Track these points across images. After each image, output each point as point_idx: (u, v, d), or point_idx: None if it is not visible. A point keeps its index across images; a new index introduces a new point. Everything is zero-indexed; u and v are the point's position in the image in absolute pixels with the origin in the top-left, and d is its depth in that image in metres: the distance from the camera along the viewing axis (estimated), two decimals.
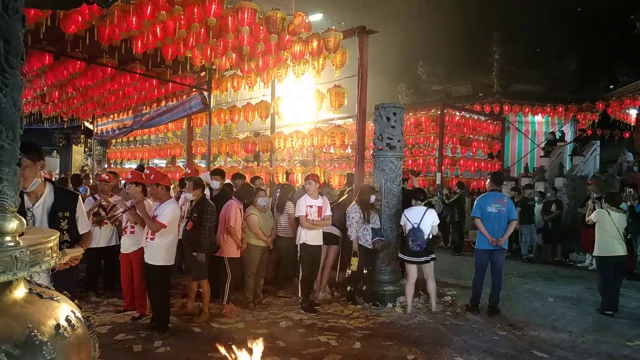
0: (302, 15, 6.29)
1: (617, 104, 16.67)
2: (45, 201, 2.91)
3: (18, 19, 1.15)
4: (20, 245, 1.22)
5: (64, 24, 5.87)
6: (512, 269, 8.91)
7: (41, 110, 11.69)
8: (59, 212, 2.92)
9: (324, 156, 15.29)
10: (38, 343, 1.14)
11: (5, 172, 1.18)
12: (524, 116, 17.72)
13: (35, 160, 2.76)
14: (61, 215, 2.93)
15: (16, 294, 1.25)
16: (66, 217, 2.95)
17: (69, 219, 2.96)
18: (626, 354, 4.46)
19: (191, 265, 5.08)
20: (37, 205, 2.89)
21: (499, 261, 5.77)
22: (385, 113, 6.28)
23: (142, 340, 4.40)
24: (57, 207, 2.92)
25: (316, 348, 4.34)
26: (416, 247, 5.51)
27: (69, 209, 2.97)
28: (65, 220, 2.94)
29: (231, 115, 9.27)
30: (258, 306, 5.66)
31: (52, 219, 2.89)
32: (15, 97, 1.17)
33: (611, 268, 5.90)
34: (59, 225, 2.90)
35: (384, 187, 6.19)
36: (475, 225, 5.78)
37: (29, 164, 2.73)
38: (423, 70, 21.50)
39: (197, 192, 5.13)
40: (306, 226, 5.60)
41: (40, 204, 2.90)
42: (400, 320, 5.31)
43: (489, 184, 6.14)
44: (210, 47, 6.94)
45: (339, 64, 6.82)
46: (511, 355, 4.33)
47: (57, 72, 8.22)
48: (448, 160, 13.08)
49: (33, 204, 2.88)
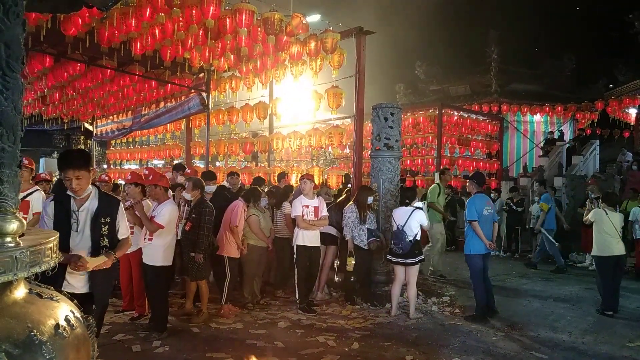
0: (299, 17, 6.31)
1: (617, 103, 16.68)
2: (90, 205, 2.97)
3: (19, 23, 1.17)
4: (20, 246, 1.24)
5: (64, 26, 5.89)
6: (511, 269, 8.93)
7: (42, 111, 11.72)
8: (101, 218, 2.98)
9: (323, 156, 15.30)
10: (37, 342, 1.16)
11: (6, 174, 1.20)
12: (522, 116, 17.73)
13: (90, 169, 2.89)
14: (102, 220, 2.99)
15: (16, 294, 1.27)
16: (107, 223, 3.01)
17: (109, 225, 3.02)
18: (626, 355, 4.44)
19: (189, 266, 5.09)
20: (82, 209, 2.96)
21: (488, 264, 5.67)
22: (383, 113, 6.29)
23: (141, 340, 4.41)
24: (100, 213, 2.98)
25: (314, 348, 4.35)
26: (398, 250, 5.36)
27: (111, 214, 3.04)
28: (106, 225, 3.00)
29: (229, 116, 9.29)
30: (256, 306, 5.67)
31: (95, 223, 2.96)
32: (15, 100, 1.19)
33: (610, 268, 5.89)
34: (100, 231, 2.98)
35: (381, 187, 6.21)
36: (474, 229, 5.46)
37: (84, 175, 2.86)
38: (421, 70, 21.51)
39: (195, 192, 5.14)
40: (303, 226, 5.59)
41: (85, 207, 2.96)
42: (399, 321, 5.31)
43: (472, 186, 5.78)
44: (209, 48, 6.95)
45: (337, 65, 6.84)
46: (510, 356, 4.34)
47: (58, 74, 8.24)
48: (446, 160, 13.07)
49: (79, 208, 2.95)
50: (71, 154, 3.06)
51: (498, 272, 8.32)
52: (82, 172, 2.84)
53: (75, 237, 2.92)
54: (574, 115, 17.91)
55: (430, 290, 6.67)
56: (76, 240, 2.92)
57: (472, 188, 5.79)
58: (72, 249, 2.89)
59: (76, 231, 2.92)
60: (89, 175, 2.89)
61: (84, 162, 2.87)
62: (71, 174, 2.83)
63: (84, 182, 2.86)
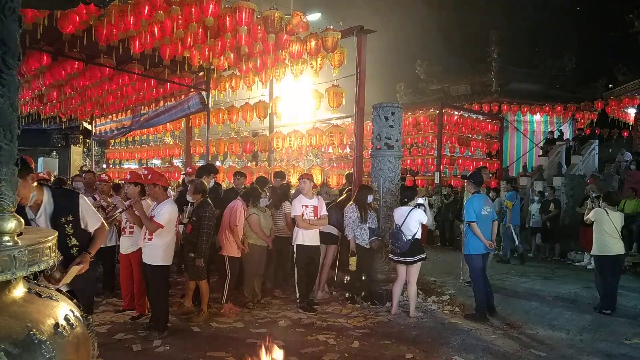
0: (300, 15, 6.29)
1: (616, 103, 16.70)
2: (46, 209, 2.85)
3: (15, 19, 1.16)
4: (18, 245, 1.23)
5: (62, 24, 5.87)
6: (510, 268, 8.94)
7: (39, 110, 11.68)
8: (62, 218, 2.86)
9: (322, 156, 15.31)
10: (37, 342, 1.15)
11: (3, 172, 1.19)
12: (522, 115, 17.74)
13: (25, 176, 2.63)
14: (64, 220, 2.87)
15: (15, 293, 1.26)
16: (70, 222, 2.88)
17: (73, 222, 2.89)
18: (624, 353, 4.47)
19: (189, 266, 5.08)
20: (39, 215, 2.83)
21: (487, 263, 5.68)
22: (384, 113, 6.29)
23: (141, 339, 4.40)
24: (58, 214, 2.85)
25: (315, 347, 4.35)
26: (397, 249, 5.35)
27: (72, 212, 2.91)
28: (69, 224, 2.88)
29: (229, 115, 9.27)
30: (257, 306, 5.66)
31: (56, 226, 2.82)
32: (12, 98, 1.17)
33: (609, 267, 5.91)
34: (65, 231, 2.85)
35: (382, 186, 6.20)
36: (472, 229, 5.45)
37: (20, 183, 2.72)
38: (421, 70, 21.52)
39: (197, 196, 5.12)
40: (303, 226, 5.59)
41: (42, 212, 2.84)
42: (399, 319, 5.32)
43: (470, 186, 5.77)
44: (208, 47, 6.94)
45: (337, 64, 6.82)
46: (509, 354, 4.34)
47: (55, 73, 8.22)
48: (447, 160, 13.08)
49: (35, 215, 2.82)
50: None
51: (497, 271, 8.33)
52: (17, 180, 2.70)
53: None
54: (573, 115, 17.93)
55: (430, 289, 6.67)
56: None
57: (470, 188, 5.77)
58: None
59: None
60: (26, 182, 2.64)
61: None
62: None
63: (22, 191, 2.61)
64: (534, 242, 10.71)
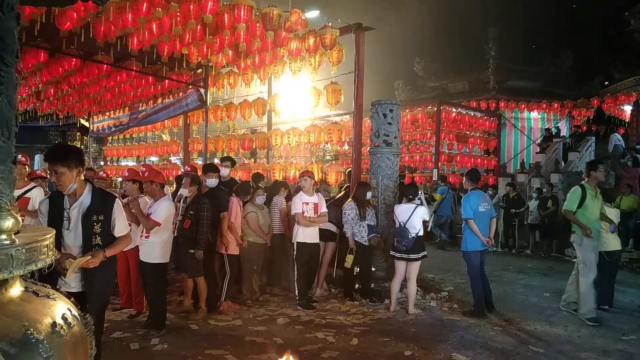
0: (298, 12, 6.27)
1: (612, 100, 16.74)
2: (82, 203, 2.91)
3: (13, 16, 1.14)
4: (16, 244, 1.22)
5: (59, 20, 5.83)
6: (508, 265, 8.97)
7: (36, 107, 11.61)
8: (93, 216, 2.91)
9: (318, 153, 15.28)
10: (34, 341, 1.15)
11: (1, 170, 1.18)
12: (519, 112, 17.76)
13: (72, 167, 2.77)
14: (95, 218, 2.91)
15: (12, 292, 1.25)
16: (100, 221, 2.92)
17: (102, 223, 2.93)
18: (621, 348, 4.49)
19: (187, 263, 5.07)
20: (74, 207, 2.89)
21: (485, 260, 5.70)
22: (382, 110, 6.28)
23: (139, 338, 4.40)
24: (91, 210, 2.90)
25: (314, 344, 4.36)
26: (402, 247, 5.36)
27: (104, 212, 2.96)
28: (98, 223, 2.92)
29: (228, 112, 9.24)
30: (255, 303, 5.67)
31: (86, 221, 2.89)
32: (10, 95, 1.16)
33: (606, 263, 5.92)
34: (92, 229, 2.90)
35: (380, 183, 6.20)
36: (469, 226, 5.48)
37: (63, 171, 2.76)
38: (419, 67, 21.52)
39: (192, 188, 5.11)
40: (303, 223, 5.59)
41: (77, 205, 2.90)
42: (397, 316, 5.33)
43: (467, 182, 5.81)
44: (207, 44, 6.90)
45: (336, 61, 6.81)
46: (507, 350, 4.36)
47: (52, 69, 8.16)
48: (445, 157, 13.10)
49: (71, 205, 2.89)
50: (54, 147, 3.01)
51: (496, 267, 8.35)
52: (59, 167, 2.75)
53: (67, 235, 2.87)
54: (570, 112, 17.96)
55: (428, 286, 6.69)
56: (68, 239, 2.87)
57: (468, 185, 5.80)
58: (64, 247, 2.84)
59: (68, 229, 2.86)
60: (70, 172, 2.76)
61: (61, 157, 2.76)
62: (50, 167, 2.80)
63: (62, 179, 2.76)
64: (532, 239, 10.75)
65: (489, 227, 5.60)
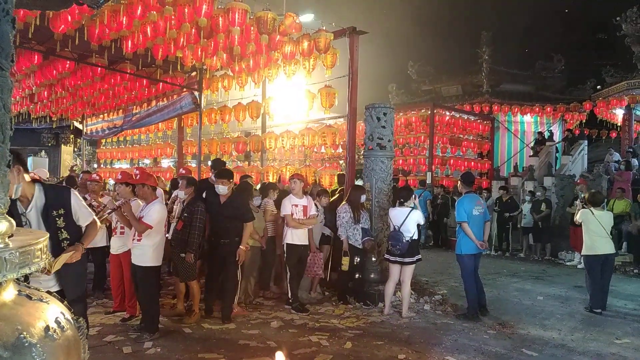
0: (292, 16, 6.29)
1: (604, 104, 16.92)
2: (37, 203, 2.86)
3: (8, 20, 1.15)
4: (9, 247, 1.22)
5: (53, 23, 5.81)
6: (501, 268, 9.01)
7: (30, 110, 11.55)
8: (53, 211, 2.87)
9: (315, 156, 15.31)
10: (27, 345, 1.14)
11: None
12: (513, 116, 17.91)
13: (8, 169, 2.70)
14: (55, 213, 2.88)
15: (5, 295, 1.24)
16: (61, 215, 2.90)
17: (64, 216, 2.90)
18: (614, 352, 4.51)
19: (179, 266, 5.04)
20: (30, 209, 2.84)
21: (479, 263, 5.71)
22: (376, 113, 6.31)
23: (132, 341, 4.37)
24: (49, 207, 2.86)
25: (307, 348, 4.35)
26: (396, 251, 5.36)
27: (63, 206, 2.92)
28: (60, 218, 2.89)
29: (222, 115, 9.24)
30: (249, 306, 5.65)
31: (47, 219, 2.85)
32: (5, 99, 1.17)
33: (599, 266, 5.97)
34: (56, 224, 2.86)
35: (374, 186, 6.22)
36: (463, 229, 5.48)
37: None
38: (413, 71, 21.61)
39: (189, 190, 5.09)
40: (292, 225, 5.59)
41: (33, 206, 2.85)
42: (391, 320, 5.33)
43: (461, 186, 5.84)
44: (201, 47, 6.91)
45: (330, 65, 6.83)
46: (501, 354, 4.38)
47: (46, 72, 8.13)
48: (438, 160, 13.18)
49: (26, 209, 2.84)
50: None
51: (489, 270, 8.39)
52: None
53: None
54: (562, 116, 18.13)
55: (422, 289, 6.69)
56: None
57: (463, 188, 5.82)
58: None
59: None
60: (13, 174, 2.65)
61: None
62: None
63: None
64: (525, 242, 10.81)
65: (483, 231, 5.63)
